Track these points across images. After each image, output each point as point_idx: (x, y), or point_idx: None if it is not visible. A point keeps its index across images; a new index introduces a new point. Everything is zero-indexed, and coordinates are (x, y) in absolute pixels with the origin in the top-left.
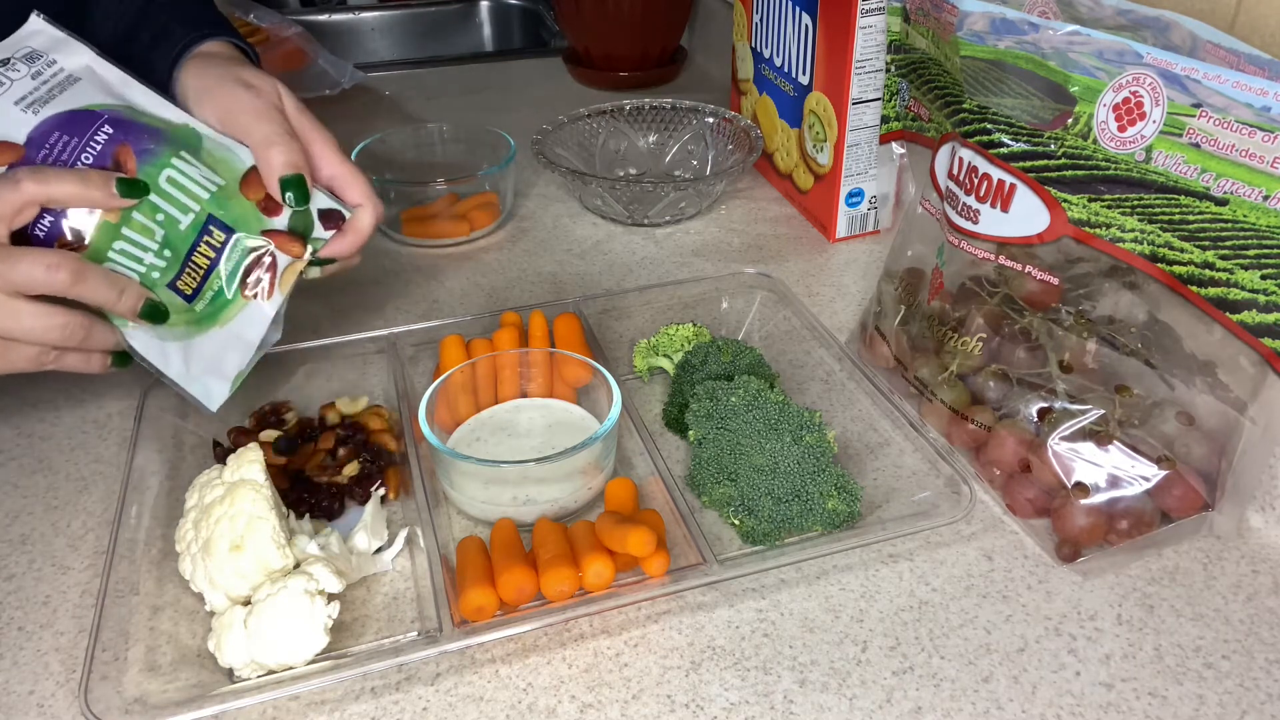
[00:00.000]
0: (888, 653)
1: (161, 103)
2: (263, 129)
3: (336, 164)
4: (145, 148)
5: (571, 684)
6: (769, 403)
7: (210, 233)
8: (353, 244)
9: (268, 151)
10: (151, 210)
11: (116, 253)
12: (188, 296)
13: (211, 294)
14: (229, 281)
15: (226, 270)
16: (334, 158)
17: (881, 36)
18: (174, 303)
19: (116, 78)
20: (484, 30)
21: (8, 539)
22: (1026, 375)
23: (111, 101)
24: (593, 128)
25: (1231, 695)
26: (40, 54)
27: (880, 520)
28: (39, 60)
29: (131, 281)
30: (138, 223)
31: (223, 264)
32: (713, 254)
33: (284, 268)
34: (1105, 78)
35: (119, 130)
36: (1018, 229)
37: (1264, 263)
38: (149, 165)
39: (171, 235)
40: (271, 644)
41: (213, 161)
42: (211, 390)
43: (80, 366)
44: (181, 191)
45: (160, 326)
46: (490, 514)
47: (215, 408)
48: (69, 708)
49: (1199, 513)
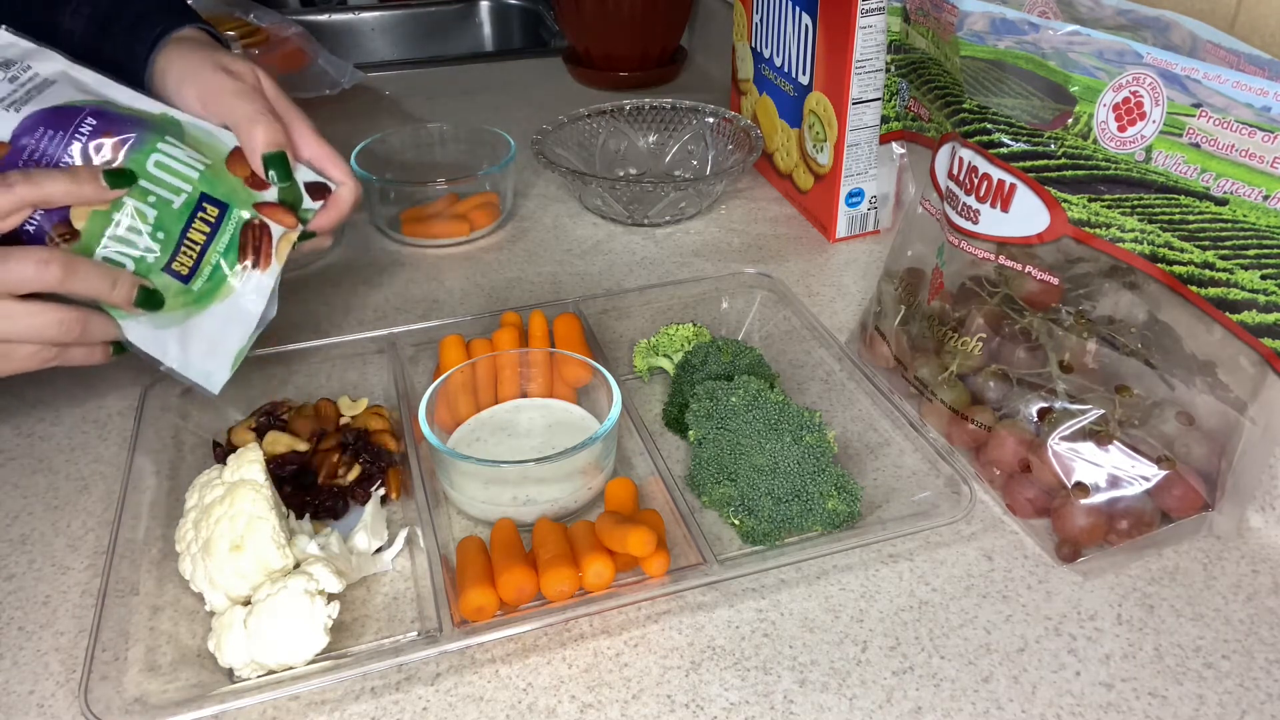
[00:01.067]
0: (888, 653)
1: (139, 97)
2: (244, 108)
3: (316, 144)
4: (128, 136)
5: (571, 684)
6: (769, 403)
7: (204, 209)
8: (334, 218)
9: (251, 130)
10: (142, 195)
11: (110, 240)
12: (184, 277)
13: (210, 269)
14: (226, 254)
15: (223, 244)
16: (313, 138)
17: (881, 36)
18: (170, 286)
19: (92, 79)
20: (484, 30)
21: (8, 539)
22: (1026, 375)
23: (91, 98)
24: (593, 128)
25: (1231, 695)
26: (14, 61)
27: (880, 520)
28: (13, 67)
29: (123, 272)
30: (129, 209)
31: (218, 239)
32: (713, 254)
33: (278, 238)
34: (1105, 78)
35: (102, 121)
36: (1018, 229)
37: (1264, 263)
38: (135, 153)
39: (164, 217)
40: (271, 644)
41: (196, 145)
42: (212, 373)
43: (84, 360)
44: (170, 174)
45: (157, 313)
46: (490, 514)
47: (217, 390)
48: (69, 708)
49: (1199, 513)
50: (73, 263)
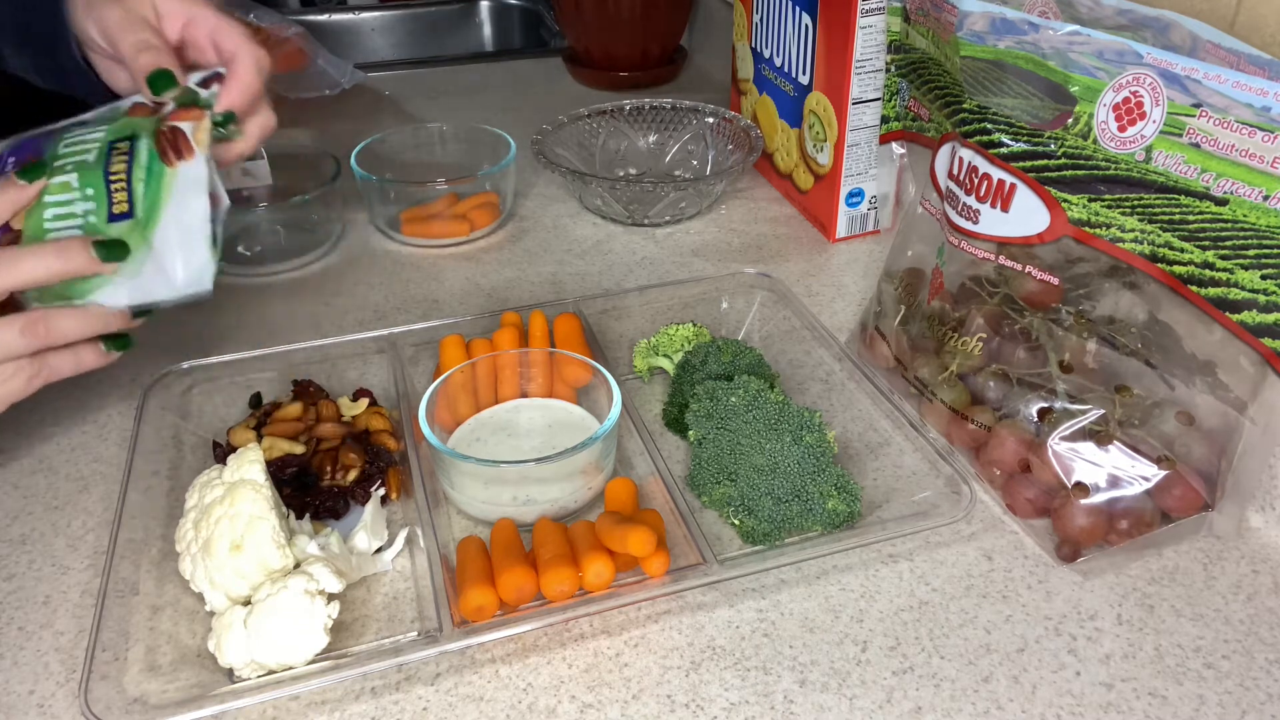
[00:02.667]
0: (888, 653)
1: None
2: (130, 39)
3: (213, 20)
4: (39, 142)
5: (571, 684)
6: (769, 403)
7: (116, 149)
8: (242, 91)
9: (136, 58)
10: (60, 170)
11: (51, 221)
12: (127, 214)
13: (142, 188)
14: (149, 166)
15: (143, 161)
16: (209, 16)
17: (881, 36)
18: (122, 230)
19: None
20: (484, 30)
21: (8, 539)
22: (1026, 375)
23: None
24: (593, 128)
25: (1231, 695)
26: None
27: (880, 520)
28: None
29: (63, 240)
30: (55, 185)
31: (136, 162)
32: (713, 254)
33: (191, 133)
34: (1105, 78)
35: (15, 152)
36: (1018, 229)
37: (1264, 263)
38: (49, 147)
39: (85, 175)
40: (271, 644)
41: (100, 120)
42: (200, 274)
43: (72, 366)
44: (80, 142)
45: (128, 261)
46: (490, 514)
47: (211, 284)
48: (69, 708)
49: (1199, 513)
50: (4, 255)
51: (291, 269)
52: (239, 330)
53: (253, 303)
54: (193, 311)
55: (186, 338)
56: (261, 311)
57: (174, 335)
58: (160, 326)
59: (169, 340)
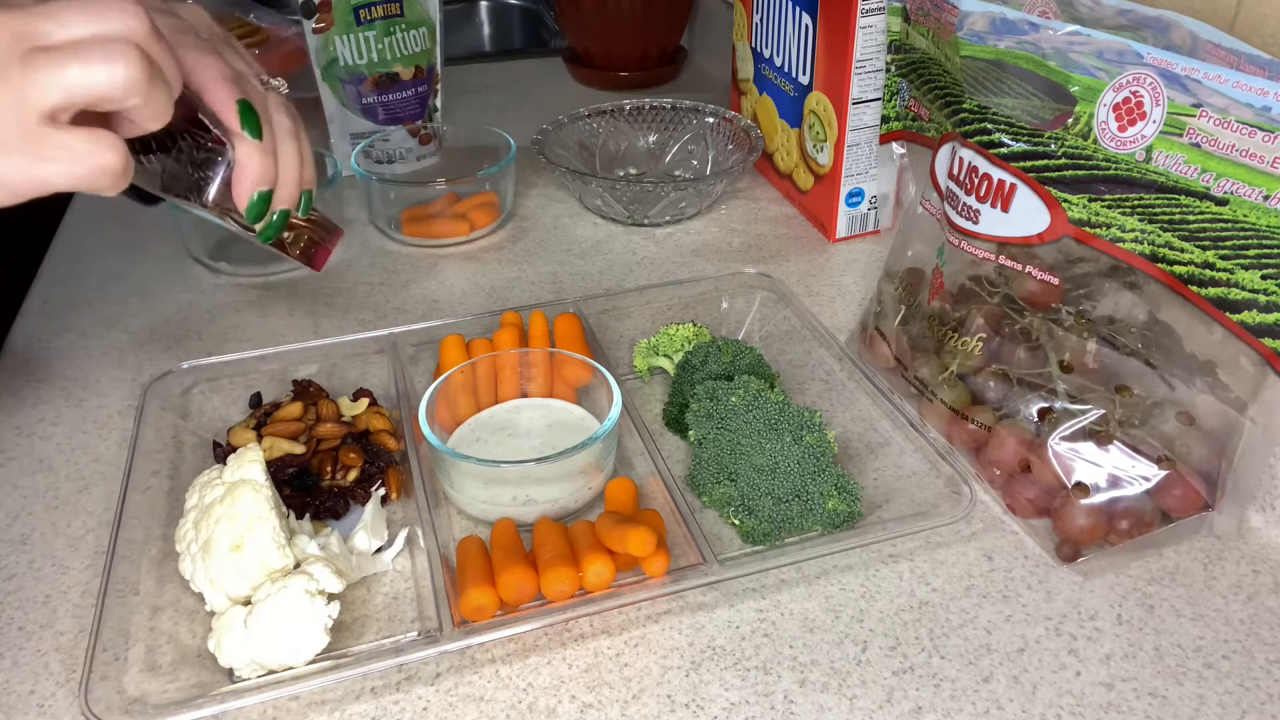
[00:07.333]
0: (888, 653)
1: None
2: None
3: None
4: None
5: (571, 684)
6: (769, 403)
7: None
8: (243, 190)
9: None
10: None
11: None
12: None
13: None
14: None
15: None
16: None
17: (881, 36)
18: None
19: None
20: (484, 30)
21: (8, 539)
22: (1027, 375)
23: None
24: (593, 128)
25: (1231, 695)
26: None
27: (880, 520)
28: None
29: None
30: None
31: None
32: (713, 254)
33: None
34: (1105, 78)
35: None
36: (1018, 229)
37: (1264, 263)
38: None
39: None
40: (271, 644)
41: None
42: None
43: (146, 115)
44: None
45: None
46: (490, 514)
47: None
48: (69, 708)
49: (1199, 513)
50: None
51: (291, 269)
52: (239, 330)
53: (253, 303)
54: (193, 311)
55: (187, 338)
56: (261, 311)
57: (174, 335)
58: (160, 326)
59: (169, 340)
